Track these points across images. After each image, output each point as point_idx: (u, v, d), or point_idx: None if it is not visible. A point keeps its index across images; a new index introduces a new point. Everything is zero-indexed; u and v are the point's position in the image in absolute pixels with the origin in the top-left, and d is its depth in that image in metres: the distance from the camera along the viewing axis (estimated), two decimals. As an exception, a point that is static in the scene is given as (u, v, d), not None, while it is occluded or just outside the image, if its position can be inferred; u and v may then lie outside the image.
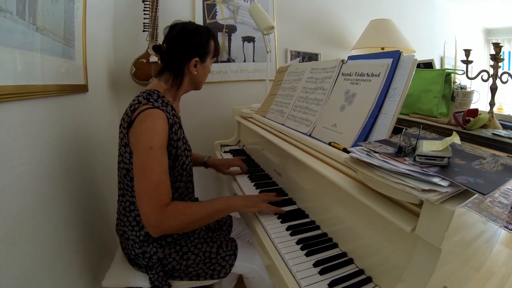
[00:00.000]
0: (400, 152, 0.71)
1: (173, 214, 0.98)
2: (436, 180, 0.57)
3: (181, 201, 1.10)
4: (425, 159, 0.65)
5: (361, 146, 0.77)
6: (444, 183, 0.56)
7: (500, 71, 1.26)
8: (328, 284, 0.76)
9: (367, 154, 0.72)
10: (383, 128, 0.92)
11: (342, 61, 1.24)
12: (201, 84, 1.30)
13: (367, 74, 1.05)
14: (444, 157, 0.64)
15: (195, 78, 1.25)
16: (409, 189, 0.57)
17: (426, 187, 0.56)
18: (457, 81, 1.66)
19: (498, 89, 1.27)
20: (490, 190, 0.54)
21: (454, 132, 0.78)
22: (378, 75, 1.00)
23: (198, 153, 1.64)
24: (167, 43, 1.20)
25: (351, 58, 1.21)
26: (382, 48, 2.56)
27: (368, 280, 0.79)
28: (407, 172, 0.60)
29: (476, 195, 0.56)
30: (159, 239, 1.16)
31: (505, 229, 2.71)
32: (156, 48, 1.20)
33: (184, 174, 1.19)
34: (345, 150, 0.93)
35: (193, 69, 1.21)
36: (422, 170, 0.60)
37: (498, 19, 4.55)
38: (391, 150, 0.74)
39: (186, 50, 1.19)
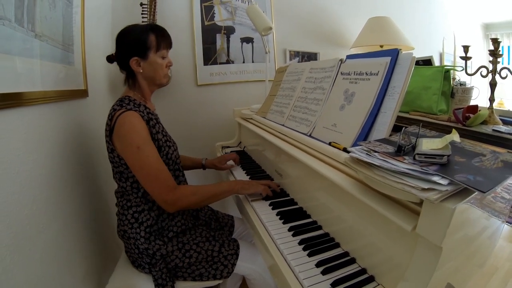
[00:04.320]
0: (400, 151, 0.71)
1: (184, 195, 1.14)
2: (435, 178, 0.57)
3: (191, 185, 1.24)
4: (425, 157, 0.65)
5: (361, 145, 0.78)
6: (444, 181, 0.56)
7: (500, 66, 1.26)
8: (331, 284, 0.77)
9: (367, 153, 0.72)
10: (383, 126, 0.92)
11: (341, 60, 1.24)
12: (156, 79, 1.28)
13: (366, 73, 1.05)
14: (443, 155, 0.64)
15: (146, 75, 1.25)
16: (408, 188, 0.58)
17: (426, 185, 0.56)
18: (457, 78, 1.65)
19: (498, 84, 1.27)
20: (490, 187, 0.54)
21: (453, 130, 0.78)
22: (377, 74, 1.00)
23: (197, 157, 1.69)
24: (115, 52, 1.27)
25: (350, 57, 1.21)
26: (381, 46, 2.56)
27: (371, 279, 0.79)
28: (407, 171, 0.60)
29: (476, 192, 0.56)
30: (160, 235, 1.20)
31: (509, 224, 2.71)
32: (109, 59, 1.30)
33: (170, 163, 1.27)
34: (345, 150, 0.93)
35: (137, 68, 1.22)
36: (422, 168, 0.60)
37: (497, 14, 4.54)
38: (390, 149, 0.74)
39: (122, 52, 1.24)
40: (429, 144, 0.70)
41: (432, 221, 0.58)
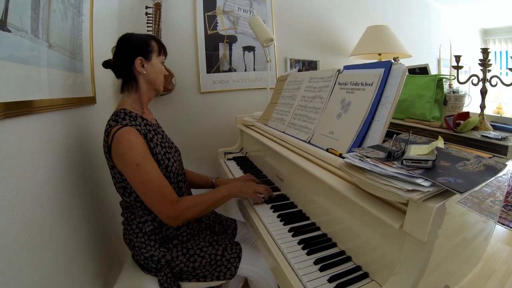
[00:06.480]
0: (390, 157, 0.77)
1: (187, 208, 1.14)
2: (419, 181, 0.63)
3: (190, 196, 1.25)
4: (411, 162, 0.71)
5: (354, 152, 0.84)
6: (427, 183, 0.63)
7: (491, 74, 1.32)
8: (327, 280, 0.82)
9: (359, 159, 0.78)
10: (376, 134, 0.99)
11: (338, 70, 1.30)
12: (157, 83, 1.30)
13: (361, 83, 1.11)
14: (428, 160, 0.71)
15: (148, 78, 1.26)
16: (395, 189, 0.64)
17: (410, 187, 0.63)
18: (453, 85, 1.70)
19: (497, 89, 1.32)
20: (468, 188, 0.60)
21: (439, 137, 0.84)
22: (371, 84, 1.07)
23: (201, 163, 1.71)
24: (113, 57, 1.27)
25: (347, 68, 1.28)
26: (379, 54, 2.63)
27: (365, 275, 0.85)
28: (394, 174, 0.67)
29: (457, 194, 0.62)
30: (165, 242, 1.24)
31: (506, 227, 2.75)
32: (106, 64, 1.28)
33: (172, 176, 1.26)
34: (341, 156, 0.99)
35: (141, 69, 1.23)
36: (408, 172, 0.67)
37: (495, 19, 4.60)
38: (382, 155, 0.80)
39: (127, 54, 1.23)
40: (417, 150, 0.76)
41: (416, 219, 0.64)
